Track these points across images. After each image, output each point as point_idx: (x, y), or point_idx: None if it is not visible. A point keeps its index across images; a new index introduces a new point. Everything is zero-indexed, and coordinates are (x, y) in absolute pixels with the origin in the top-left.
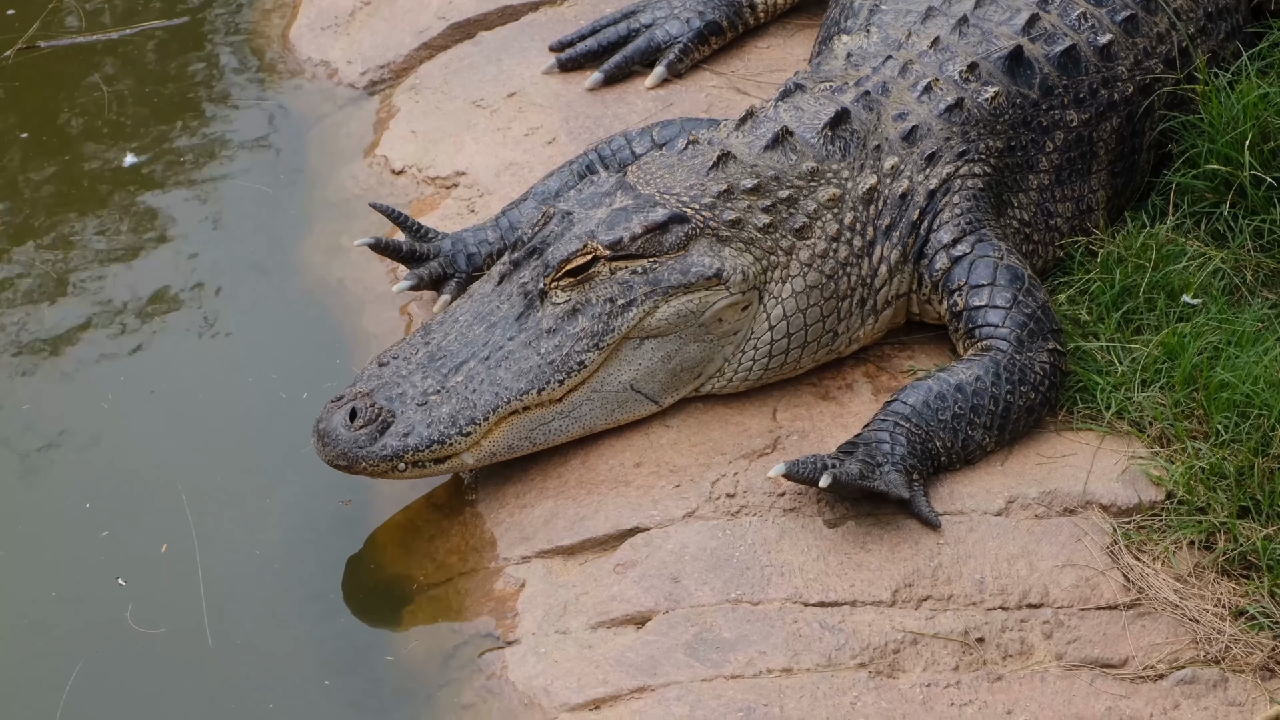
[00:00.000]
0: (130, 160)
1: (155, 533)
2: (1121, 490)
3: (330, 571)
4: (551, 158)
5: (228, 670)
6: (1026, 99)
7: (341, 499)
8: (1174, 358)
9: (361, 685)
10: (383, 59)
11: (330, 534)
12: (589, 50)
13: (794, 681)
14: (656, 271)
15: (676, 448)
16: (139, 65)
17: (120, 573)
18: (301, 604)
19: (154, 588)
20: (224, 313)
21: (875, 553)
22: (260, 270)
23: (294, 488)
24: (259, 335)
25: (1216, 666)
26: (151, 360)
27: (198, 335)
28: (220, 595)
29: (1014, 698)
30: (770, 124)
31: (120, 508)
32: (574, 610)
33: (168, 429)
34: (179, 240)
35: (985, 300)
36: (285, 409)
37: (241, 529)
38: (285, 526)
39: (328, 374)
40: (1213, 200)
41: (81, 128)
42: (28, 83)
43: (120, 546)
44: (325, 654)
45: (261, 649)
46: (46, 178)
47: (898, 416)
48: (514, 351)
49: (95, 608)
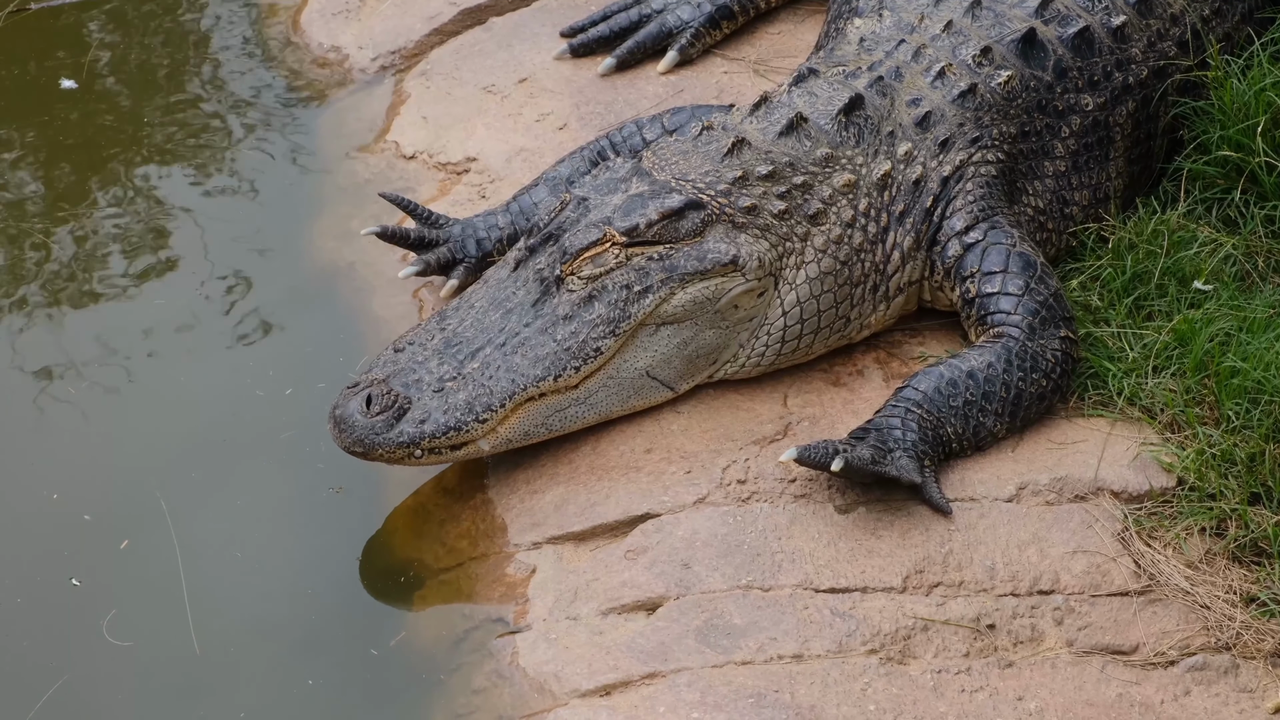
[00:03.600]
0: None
1: (170, 514)
2: (1132, 477)
3: (342, 554)
4: (563, 143)
5: (240, 647)
6: (1040, 82)
7: (332, 486)
8: (1185, 344)
9: (372, 669)
10: (394, 44)
11: (341, 516)
12: (600, 36)
13: (805, 668)
14: (673, 258)
15: (687, 434)
16: (149, 51)
17: (143, 548)
18: (315, 585)
19: (173, 567)
20: (233, 296)
21: (886, 539)
22: (270, 254)
23: (305, 469)
24: (269, 318)
25: (1228, 653)
26: (159, 344)
27: (207, 319)
28: (233, 572)
29: (1025, 684)
30: (784, 110)
31: (129, 487)
32: (585, 596)
33: (175, 412)
34: (187, 224)
35: (997, 287)
36: (296, 392)
37: (251, 509)
38: (295, 507)
39: (338, 358)
40: (1224, 186)
41: (89, 119)
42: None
43: (138, 528)
44: (336, 636)
45: (273, 629)
46: (55, 164)
47: (909, 403)
48: (530, 338)
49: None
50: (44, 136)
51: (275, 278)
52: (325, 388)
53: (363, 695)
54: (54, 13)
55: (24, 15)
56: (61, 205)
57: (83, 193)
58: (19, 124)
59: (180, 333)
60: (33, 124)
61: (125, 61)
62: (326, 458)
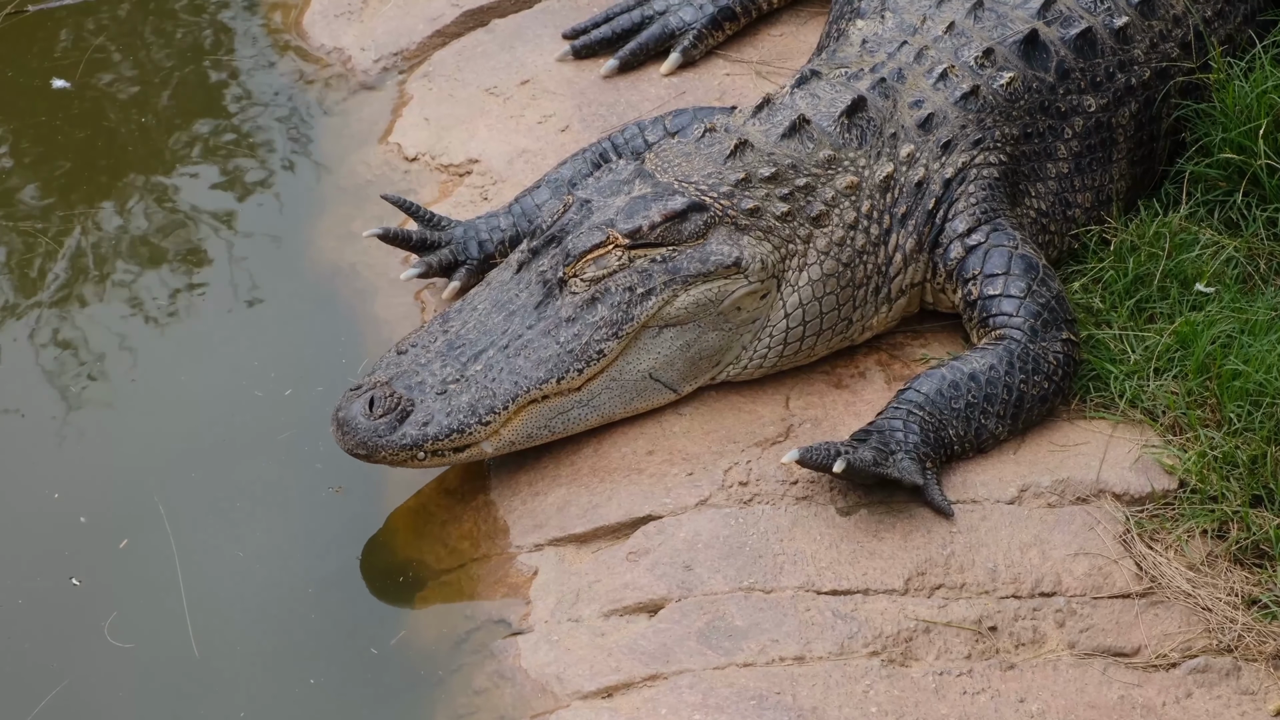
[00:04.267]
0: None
1: (169, 516)
2: (1134, 479)
3: (344, 554)
4: (565, 145)
5: (241, 645)
6: (1043, 83)
7: (332, 486)
8: (1187, 346)
9: (372, 669)
10: (396, 46)
11: (343, 517)
12: (603, 37)
13: (806, 670)
14: (675, 260)
15: (689, 435)
16: (151, 51)
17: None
18: (315, 585)
19: (171, 564)
20: (235, 297)
21: (888, 541)
22: (272, 254)
23: (307, 471)
24: (271, 319)
25: (1229, 655)
26: (163, 344)
27: (207, 320)
28: (234, 571)
29: (1026, 686)
30: (787, 112)
31: (129, 487)
32: (586, 598)
33: (175, 413)
34: (188, 224)
35: (999, 289)
36: (297, 393)
37: (251, 509)
38: (295, 508)
39: (340, 358)
40: (1226, 189)
41: (89, 120)
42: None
43: (137, 529)
44: (337, 635)
45: (274, 628)
46: (59, 165)
47: (911, 404)
48: (533, 340)
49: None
50: (41, 136)
51: (277, 279)
52: (325, 390)
53: (363, 695)
54: (53, 14)
55: (22, 17)
56: (62, 205)
57: (83, 194)
58: (16, 124)
59: (180, 333)
60: (29, 124)
61: (125, 63)
62: (326, 458)
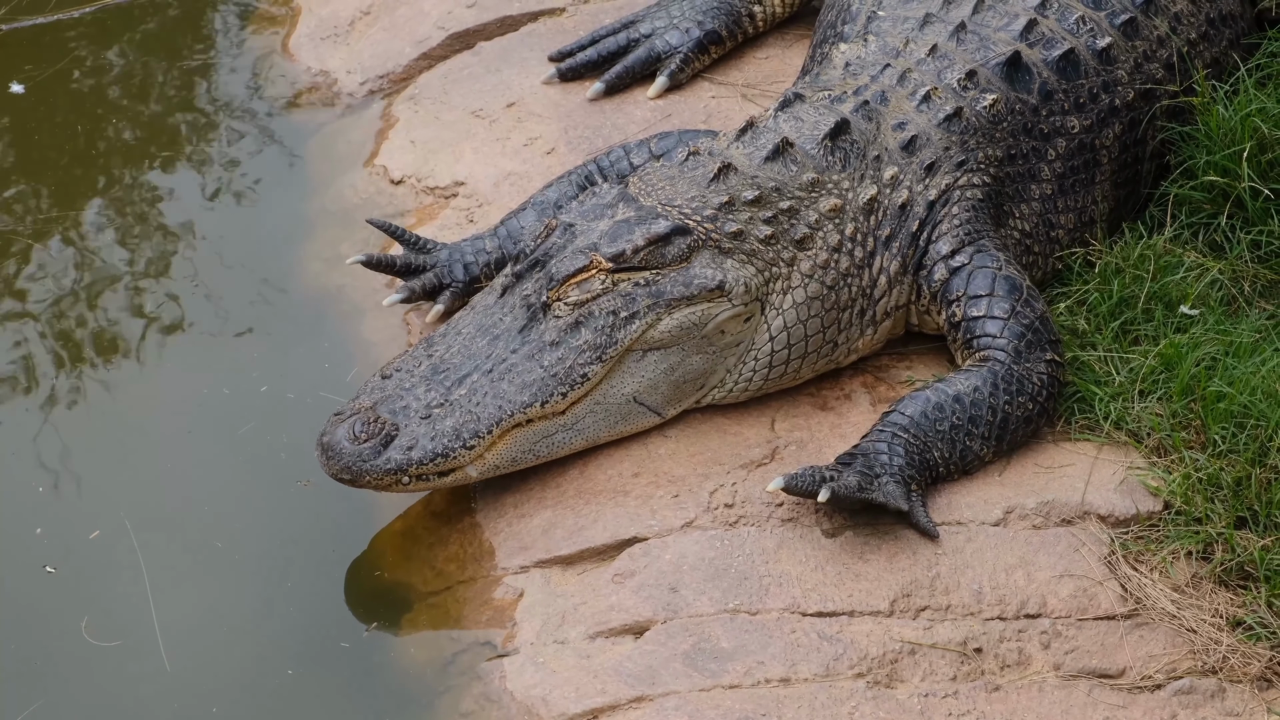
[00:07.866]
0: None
1: (141, 547)
2: (1119, 500)
3: (329, 576)
4: (551, 168)
5: (224, 674)
6: (1026, 105)
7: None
8: (1172, 368)
9: (360, 691)
10: (382, 69)
11: (330, 539)
12: (589, 60)
13: (792, 691)
14: (659, 284)
15: (675, 458)
16: (138, 73)
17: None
18: (301, 608)
19: (150, 593)
20: (222, 320)
21: (873, 563)
22: (259, 278)
23: (293, 492)
24: (258, 342)
25: (1214, 677)
26: (148, 367)
27: (196, 342)
28: (216, 599)
29: (1012, 708)
30: (770, 135)
31: (101, 518)
32: (572, 620)
33: (163, 436)
34: (174, 246)
35: (983, 311)
36: (287, 415)
37: (238, 533)
38: (282, 530)
39: (327, 382)
40: (1210, 211)
41: (73, 139)
42: None
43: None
44: (324, 659)
45: (260, 654)
46: (43, 184)
47: (896, 427)
48: (517, 364)
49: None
50: (28, 150)
51: (264, 301)
52: (313, 410)
53: (350, 718)
54: (39, 29)
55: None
56: (48, 218)
57: (66, 219)
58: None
59: (165, 356)
60: (18, 136)
61: (111, 86)
62: (312, 476)
